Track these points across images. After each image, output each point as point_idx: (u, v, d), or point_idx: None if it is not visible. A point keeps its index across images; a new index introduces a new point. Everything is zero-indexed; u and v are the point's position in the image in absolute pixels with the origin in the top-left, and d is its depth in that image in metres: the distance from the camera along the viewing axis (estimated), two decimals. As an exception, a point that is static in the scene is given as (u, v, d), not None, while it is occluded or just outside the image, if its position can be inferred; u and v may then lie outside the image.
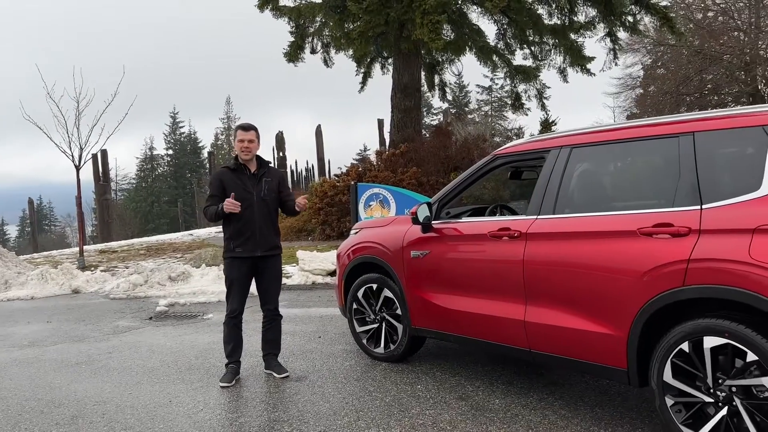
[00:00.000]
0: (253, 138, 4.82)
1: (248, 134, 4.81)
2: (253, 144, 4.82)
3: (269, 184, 4.85)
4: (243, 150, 4.79)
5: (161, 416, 4.12)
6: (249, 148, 4.80)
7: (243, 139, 4.79)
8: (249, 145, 4.80)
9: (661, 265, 3.13)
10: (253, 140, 4.83)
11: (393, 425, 3.76)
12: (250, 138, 4.81)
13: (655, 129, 3.45)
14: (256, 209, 4.76)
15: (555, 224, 3.73)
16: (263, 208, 4.81)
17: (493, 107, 57.25)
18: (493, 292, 4.07)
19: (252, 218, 4.75)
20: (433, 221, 4.56)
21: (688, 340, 3.04)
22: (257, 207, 4.77)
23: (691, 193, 3.14)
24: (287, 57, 19.43)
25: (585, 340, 3.51)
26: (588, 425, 3.62)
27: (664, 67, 31.04)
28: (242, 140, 4.79)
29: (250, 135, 4.82)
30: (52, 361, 5.79)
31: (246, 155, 4.80)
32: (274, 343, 5.01)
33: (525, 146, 4.20)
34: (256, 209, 4.76)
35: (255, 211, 4.76)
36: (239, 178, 4.80)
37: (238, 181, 4.78)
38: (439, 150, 17.15)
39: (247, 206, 4.73)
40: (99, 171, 41.36)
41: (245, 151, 4.79)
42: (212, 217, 4.80)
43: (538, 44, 19.83)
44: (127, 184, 73.25)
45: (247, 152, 4.80)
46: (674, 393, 3.12)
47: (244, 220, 4.74)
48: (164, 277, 10.52)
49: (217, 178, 4.84)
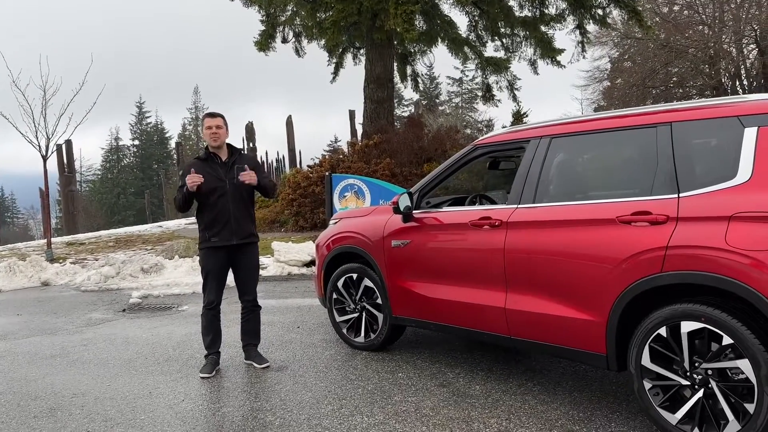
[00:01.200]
0: (220, 124, 4.79)
1: (215, 120, 4.78)
2: (221, 130, 4.79)
3: (242, 171, 4.82)
4: (211, 137, 4.75)
5: (142, 407, 4.09)
6: (217, 134, 4.76)
7: (210, 126, 4.75)
8: (217, 131, 4.76)
9: (639, 252, 3.21)
10: (221, 126, 4.79)
11: (376, 412, 3.79)
12: (218, 124, 4.77)
13: (632, 119, 3.53)
14: (230, 197, 4.72)
15: (535, 213, 3.79)
16: (237, 196, 4.76)
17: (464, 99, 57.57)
18: (474, 281, 4.12)
19: (226, 207, 4.71)
20: (414, 211, 4.60)
21: (665, 325, 3.13)
22: (231, 195, 4.72)
23: (669, 181, 3.23)
24: (258, 46, 19.20)
25: (565, 326, 3.59)
26: (567, 409, 3.71)
27: (630, 60, 31.57)
28: (210, 127, 4.76)
29: (218, 121, 4.78)
30: (25, 354, 5.69)
31: (215, 142, 4.77)
32: (254, 333, 5.00)
33: (505, 136, 4.25)
34: (230, 197, 4.72)
35: (229, 199, 4.72)
36: (210, 167, 4.75)
37: (209, 170, 4.73)
38: (412, 141, 17.17)
39: (221, 195, 4.70)
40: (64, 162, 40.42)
41: (213, 137, 4.75)
42: (180, 203, 4.73)
43: (509, 36, 19.98)
44: (92, 176, 71.88)
45: (215, 138, 4.76)
46: (652, 377, 3.21)
47: (218, 209, 4.70)
48: (136, 269, 10.39)
49: (188, 168, 4.78)
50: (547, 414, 3.65)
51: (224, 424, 3.73)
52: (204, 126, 4.79)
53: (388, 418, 3.70)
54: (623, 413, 3.61)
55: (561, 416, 3.61)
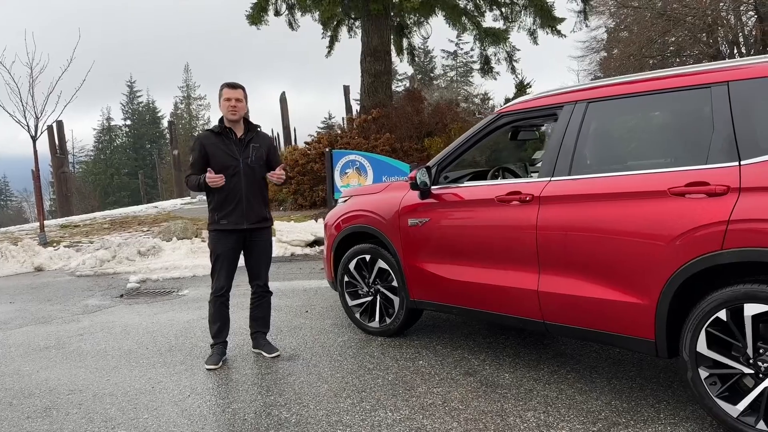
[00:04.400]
0: (240, 96, 4.38)
1: (235, 92, 4.37)
2: (241, 103, 4.39)
3: (257, 151, 4.44)
4: (230, 110, 4.36)
5: (144, 405, 3.77)
6: (236, 107, 4.36)
7: (230, 98, 4.36)
8: (237, 104, 4.36)
9: (695, 228, 2.88)
10: (241, 99, 4.39)
11: (401, 406, 3.49)
12: (238, 96, 4.37)
13: (681, 80, 3.17)
14: (243, 177, 4.36)
15: (572, 186, 3.45)
16: (250, 177, 4.40)
17: (459, 72, 56.93)
18: (502, 261, 3.79)
19: (238, 187, 4.36)
20: (432, 187, 4.25)
21: (725, 308, 2.82)
22: (243, 175, 4.37)
23: (728, 148, 2.88)
24: (250, 20, 18.58)
25: (607, 310, 3.27)
26: (608, 399, 3.41)
27: (627, 30, 31.04)
28: (229, 98, 4.36)
29: (238, 93, 4.38)
30: (18, 345, 5.36)
31: (233, 115, 4.37)
32: (263, 321, 4.67)
33: (534, 102, 3.88)
34: (243, 177, 4.36)
35: (241, 179, 4.36)
36: (224, 143, 4.39)
37: (223, 146, 4.37)
38: (411, 115, 16.76)
39: (233, 174, 4.34)
40: (55, 143, 39.78)
41: (232, 110, 4.36)
42: (194, 188, 4.39)
43: (508, 5, 19.44)
44: (84, 157, 70.96)
45: (234, 112, 4.36)
46: (708, 364, 2.91)
47: (228, 190, 4.34)
48: (133, 251, 10.03)
49: (199, 143, 4.41)
50: (588, 405, 3.35)
51: (235, 422, 3.42)
52: (222, 97, 4.38)
53: (414, 412, 3.39)
54: (671, 402, 3.32)
55: (603, 407, 3.31)
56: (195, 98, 71.19)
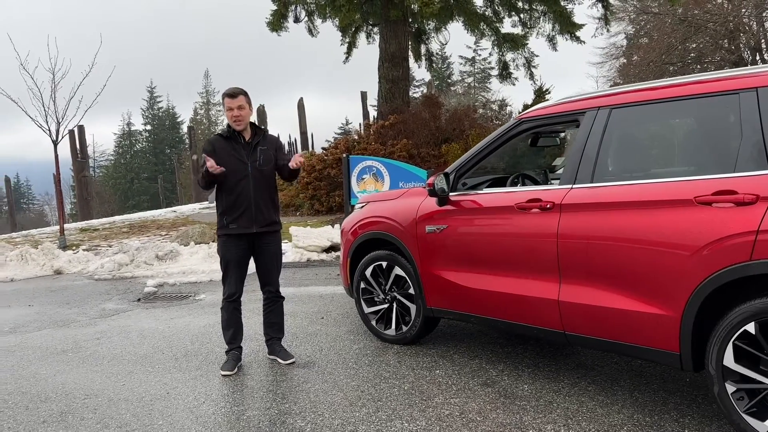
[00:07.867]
0: (242, 104, 4.35)
1: (236, 101, 4.33)
2: (243, 111, 4.35)
3: (265, 153, 4.41)
4: (234, 120, 4.33)
5: (159, 410, 3.75)
6: (240, 116, 4.33)
7: (231, 107, 4.33)
8: (239, 112, 4.33)
9: (723, 238, 2.80)
10: (243, 106, 4.36)
11: (417, 416, 3.43)
12: (239, 104, 4.33)
13: (708, 86, 3.09)
14: (251, 181, 4.34)
15: (594, 194, 3.38)
16: (259, 180, 4.38)
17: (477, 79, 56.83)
18: (522, 270, 3.72)
19: (246, 191, 4.33)
20: (450, 193, 4.20)
21: (754, 321, 2.73)
22: (252, 179, 4.35)
23: (757, 156, 2.80)
24: (270, 26, 18.70)
25: (630, 321, 3.19)
26: (630, 412, 3.32)
27: (647, 36, 30.77)
28: (231, 108, 4.33)
29: (239, 101, 4.33)
30: (36, 348, 5.38)
31: (238, 125, 4.35)
32: (278, 326, 4.64)
33: (555, 108, 3.81)
34: (251, 181, 4.34)
35: (250, 183, 4.34)
36: (232, 147, 4.37)
37: (231, 150, 4.35)
38: (429, 121, 16.68)
39: (242, 177, 4.32)
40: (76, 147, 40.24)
41: (236, 121, 4.33)
42: (203, 183, 4.37)
43: (527, 11, 19.33)
44: (105, 161, 71.79)
45: (239, 122, 4.34)
46: (736, 379, 2.82)
47: (237, 193, 4.31)
48: (151, 256, 10.07)
49: (209, 145, 4.40)
50: (609, 418, 3.27)
51: (250, 431, 3.38)
52: (225, 107, 4.37)
53: (430, 423, 3.33)
54: (695, 417, 3.22)
55: (625, 421, 3.23)
56: (214, 104, 71.73)
